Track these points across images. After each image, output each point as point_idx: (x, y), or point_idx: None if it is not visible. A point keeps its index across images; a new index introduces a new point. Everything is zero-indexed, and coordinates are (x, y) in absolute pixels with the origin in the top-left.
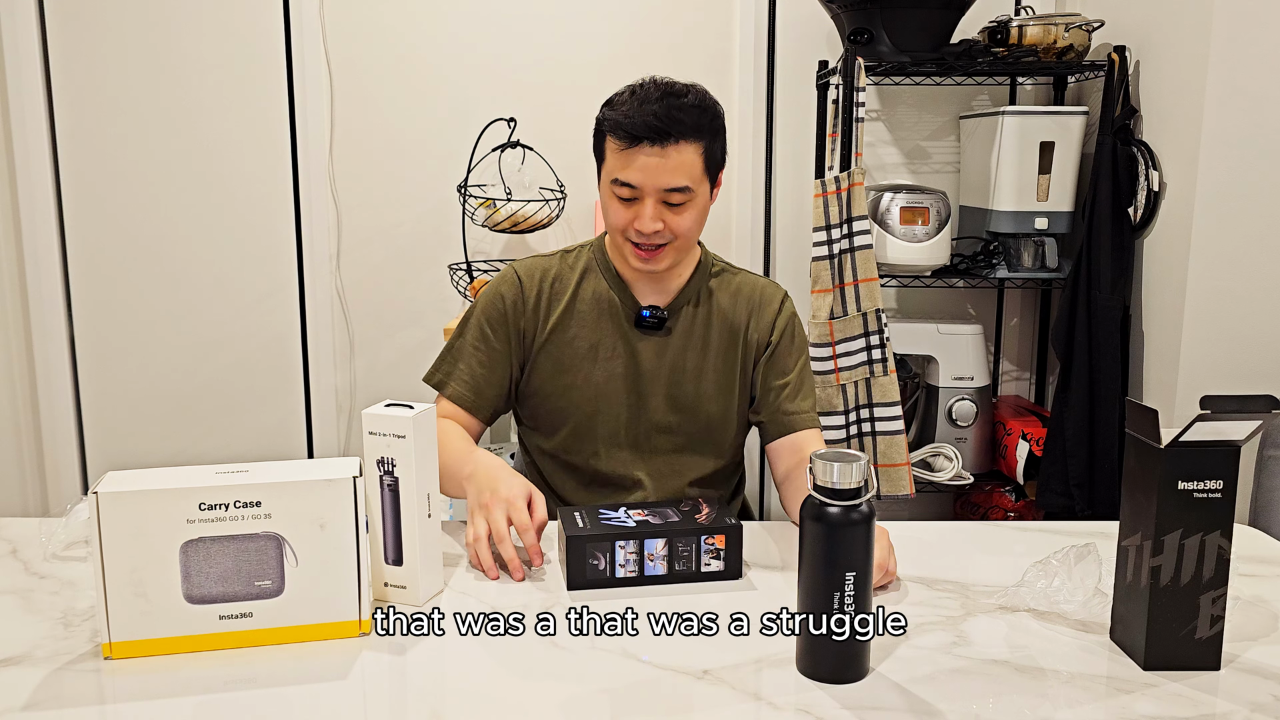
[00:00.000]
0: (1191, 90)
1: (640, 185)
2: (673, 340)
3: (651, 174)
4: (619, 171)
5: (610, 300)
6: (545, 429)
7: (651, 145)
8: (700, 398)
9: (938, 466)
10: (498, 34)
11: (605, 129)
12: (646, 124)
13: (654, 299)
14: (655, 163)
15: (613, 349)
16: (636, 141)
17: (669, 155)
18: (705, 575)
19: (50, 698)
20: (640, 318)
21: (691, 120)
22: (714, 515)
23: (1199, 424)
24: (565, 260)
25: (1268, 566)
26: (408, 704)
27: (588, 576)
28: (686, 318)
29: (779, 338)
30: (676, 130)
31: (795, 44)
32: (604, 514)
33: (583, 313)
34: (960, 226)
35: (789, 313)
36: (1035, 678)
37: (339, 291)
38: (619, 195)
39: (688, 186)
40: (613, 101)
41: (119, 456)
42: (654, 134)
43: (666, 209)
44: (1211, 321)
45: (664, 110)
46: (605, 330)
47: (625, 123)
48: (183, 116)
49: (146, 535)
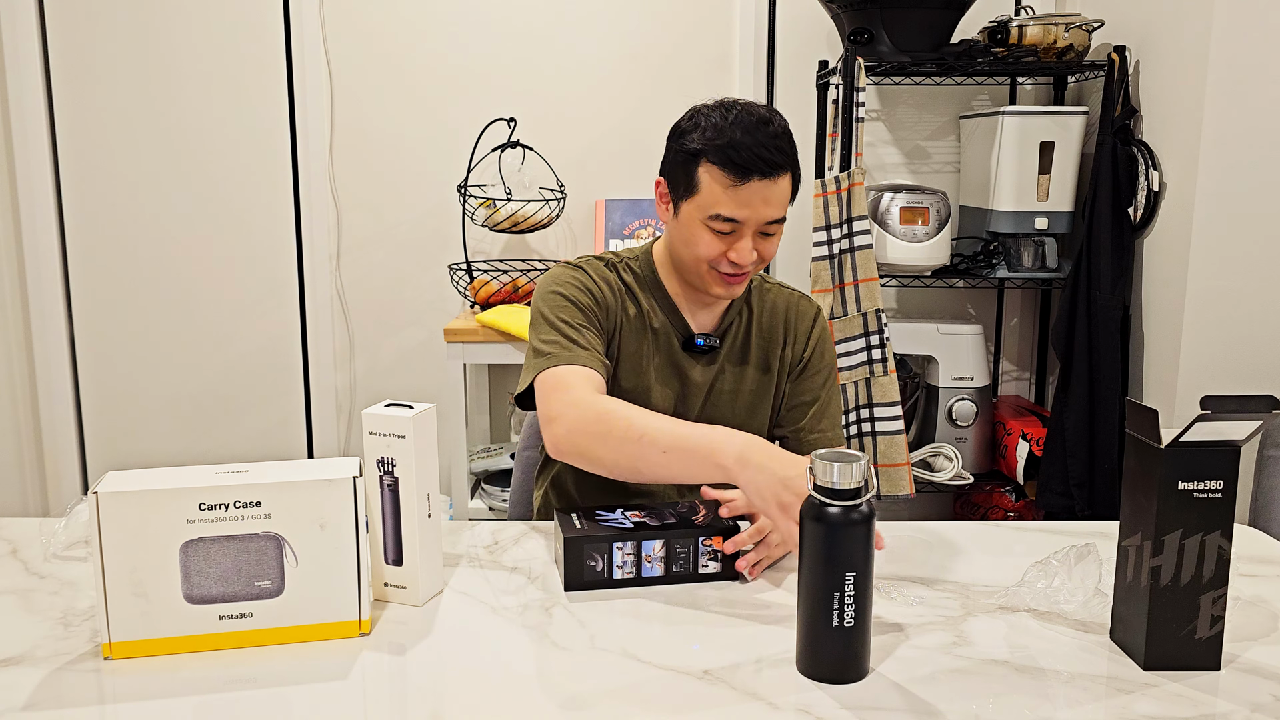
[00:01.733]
0: (1191, 90)
1: (745, 220)
2: (719, 363)
3: (758, 208)
4: (721, 206)
5: (662, 322)
6: None
7: (762, 179)
8: (734, 416)
9: (938, 466)
10: (498, 34)
11: (709, 159)
12: (761, 157)
13: (703, 322)
14: (762, 197)
15: (667, 373)
16: (748, 175)
17: (775, 188)
18: (703, 576)
19: (50, 698)
20: (694, 345)
21: (790, 150)
22: (711, 516)
23: (1199, 424)
24: (615, 272)
25: (1268, 566)
26: (408, 704)
27: (585, 578)
28: (730, 338)
29: (810, 355)
30: (784, 162)
31: (795, 44)
32: (601, 515)
33: (640, 330)
34: (960, 226)
35: (821, 330)
36: (1035, 678)
37: (339, 291)
38: (716, 229)
39: (783, 217)
40: (703, 127)
41: (119, 456)
42: (768, 167)
43: (760, 238)
44: (1211, 321)
45: (769, 140)
46: (660, 353)
47: (736, 156)
48: (183, 117)
49: (146, 535)
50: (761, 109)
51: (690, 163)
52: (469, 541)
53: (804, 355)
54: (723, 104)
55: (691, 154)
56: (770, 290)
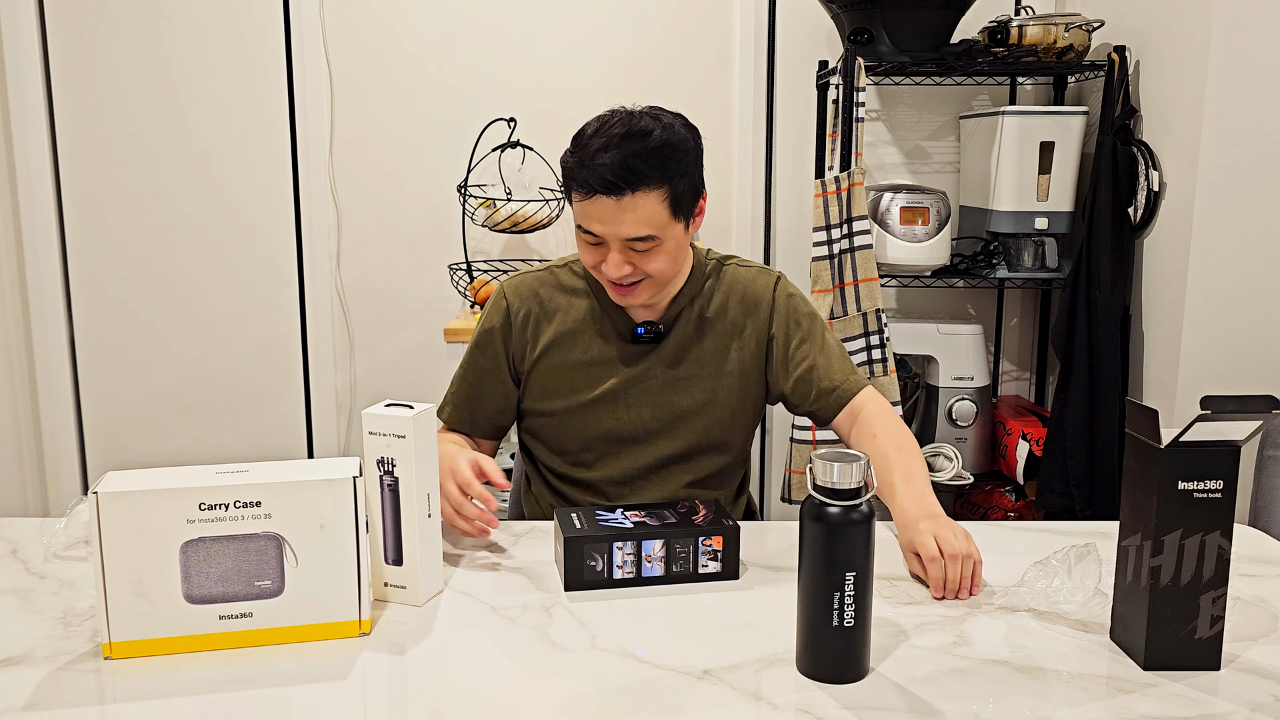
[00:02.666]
0: (1191, 90)
1: (601, 235)
2: (669, 349)
3: (611, 225)
4: (580, 218)
5: (602, 317)
6: (545, 443)
7: (608, 196)
8: (699, 403)
9: (938, 466)
10: (498, 34)
11: (565, 174)
12: (600, 178)
13: (647, 313)
14: (613, 214)
15: (609, 365)
16: (592, 192)
17: (626, 207)
18: (703, 576)
19: (50, 698)
20: (635, 335)
21: (649, 167)
22: (711, 517)
23: (1199, 424)
24: (556, 276)
25: (1268, 566)
26: (408, 704)
27: (585, 578)
28: (681, 325)
29: (779, 330)
30: (633, 181)
31: (795, 44)
32: (601, 515)
33: (576, 331)
34: (960, 226)
35: (783, 299)
36: (1035, 678)
37: (339, 291)
38: (586, 240)
39: (650, 235)
40: (576, 140)
41: (119, 456)
42: (608, 187)
43: (634, 254)
44: (1211, 321)
45: (619, 160)
46: (600, 347)
47: (580, 173)
48: (183, 117)
49: (146, 535)
50: (645, 120)
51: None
52: (469, 541)
53: (771, 331)
54: (607, 115)
55: (562, 166)
56: (728, 270)
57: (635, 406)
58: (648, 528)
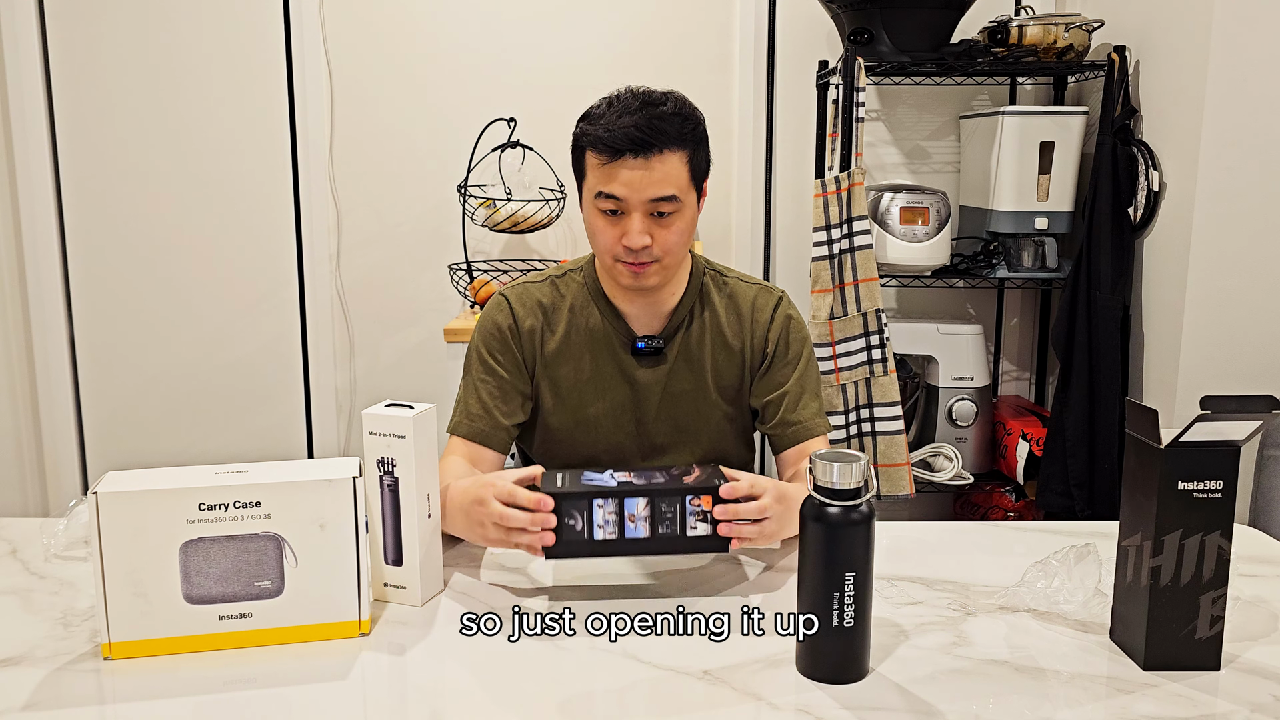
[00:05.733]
0: (1191, 90)
1: (626, 198)
2: (670, 364)
3: (637, 186)
4: (603, 184)
5: (605, 331)
6: (546, 457)
7: (635, 157)
8: (701, 417)
9: (938, 466)
10: (498, 34)
11: (585, 144)
12: (628, 135)
13: (649, 325)
14: (640, 175)
15: (611, 379)
16: (619, 154)
17: (653, 166)
18: (691, 540)
19: (50, 698)
20: (636, 349)
21: (674, 129)
22: (704, 478)
23: (1199, 424)
24: (557, 288)
25: (1268, 566)
26: (408, 704)
27: (564, 538)
28: (682, 339)
29: (774, 349)
30: (660, 140)
31: (795, 44)
32: (588, 475)
33: (578, 344)
34: (960, 226)
35: (782, 319)
36: (1035, 678)
37: (339, 291)
38: (604, 209)
39: (674, 195)
40: (589, 115)
41: (119, 456)
42: (636, 145)
43: (654, 222)
44: (1211, 321)
45: (645, 120)
46: (602, 361)
47: (606, 136)
48: (183, 116)
49: (146, 535)
50: (657, 93)
51: (577, 150)
52: (468, 542)
53: (765, 350)
54: (613, 94)
55: (576, 140)
56: (729, 284)
57: (636, 420)
58: (632, 486)
